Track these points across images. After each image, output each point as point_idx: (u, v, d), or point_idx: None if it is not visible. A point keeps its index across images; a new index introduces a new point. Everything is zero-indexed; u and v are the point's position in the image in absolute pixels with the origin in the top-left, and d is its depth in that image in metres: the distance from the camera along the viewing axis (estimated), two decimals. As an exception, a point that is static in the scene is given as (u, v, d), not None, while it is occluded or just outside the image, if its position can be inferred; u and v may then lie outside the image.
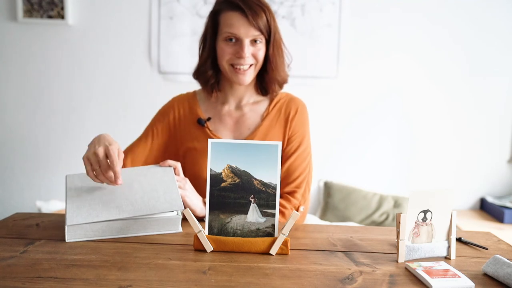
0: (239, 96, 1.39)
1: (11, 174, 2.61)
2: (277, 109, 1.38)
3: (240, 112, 1.38)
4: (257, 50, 1.28)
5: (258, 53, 1.28)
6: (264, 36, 1.27)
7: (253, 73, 1.32)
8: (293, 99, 1.41)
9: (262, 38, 1.27)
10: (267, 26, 1.26)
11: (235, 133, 1.37)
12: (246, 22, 1.24)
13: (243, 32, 1.24)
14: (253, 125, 1.36)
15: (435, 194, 0.94)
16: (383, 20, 2.50)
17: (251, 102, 1.39)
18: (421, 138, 2.57)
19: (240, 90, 1.38)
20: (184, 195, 1.14)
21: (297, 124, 1.37)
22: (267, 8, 1.27)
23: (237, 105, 1.39)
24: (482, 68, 2.52)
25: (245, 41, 1.25)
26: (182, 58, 2.51)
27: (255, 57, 1.28)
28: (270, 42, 1.29)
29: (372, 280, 0.84)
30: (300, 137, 1.36)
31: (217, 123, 1.38)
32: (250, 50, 1.26)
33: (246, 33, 1.24)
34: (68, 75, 2.54)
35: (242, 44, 1.25)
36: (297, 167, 1.34)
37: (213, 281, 0.81)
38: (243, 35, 1.25)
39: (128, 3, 2.50)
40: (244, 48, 1.25)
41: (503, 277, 0.83)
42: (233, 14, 1.25)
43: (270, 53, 1.30)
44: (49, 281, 0.79)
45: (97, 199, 1.06)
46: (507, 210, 2.36)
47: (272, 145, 0.97)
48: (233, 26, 1.24)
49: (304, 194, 1.37)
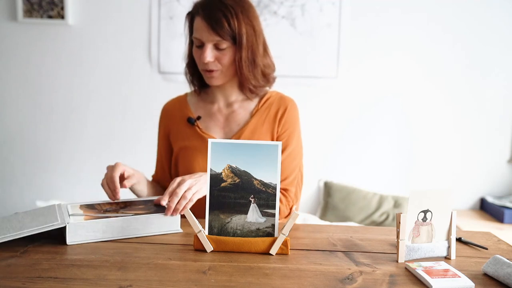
0: (227, 94, 1.40)
1: (11, 174, 2.61)
2: (266, 107, 1.38)
3: (230, 109, 1.39)
4: (221, 55, 1.27)
5: (223, 57, 1.27)
6: (227, 41, 1.26)
7: (222, 76, 1.31)
8: (283, 97, 1.40)
9: (226, 43, 1.26)
10: (229, 31, 1.25)
11: (225, 129, 1.38)
12: (206, 28, 1.25)
13: (204, 36, 1.26)
14: (242, 121, 1.37)
15: (435, 194, 0.94)
16: (383, 20, 2.50)
17: (241, 99, 1.40)
18: (421, 138, 2.57)
19: (226, 88, 1.39)
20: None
21: (286, 122, 1.36)
22: (232, 12, 1.25)
23: (226, 103, 1.40)
24: (482, 68, 2.52)
25: (207, 45, 1.26)
26: (182, 58, 2.50)
27: (219, 62, 1.28)
28: (237, 46, 1.27)
29: (372, 280, 0.84)
30: (289, 136, 1.36)
31: (207, 121, 1.39)
32: (212, 55, 1.26)
33: (207, 38, 1.25)
34: (68, 75, 2.54)
35: (204, 48, 1.26)
36: (286, 167, 1.33)
37: (213, 281, 0.81)
38: (205, 40, 1.26)
39: (128, 3, 2.50)
40: (205, 52, 1.26)
41: (503, 277, 0.83)
42: (198, 20, 1.27)
43: (236, 57, 1.28)
44: (49, 281, 0.80)
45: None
46: (507, 210, 2.35)
47: (272, 145, 0.97)
48: (197, 31, 1.27)
49: (296, 193, 1.38)
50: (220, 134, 1.37)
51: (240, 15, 1.26)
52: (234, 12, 1.25)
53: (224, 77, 1.32)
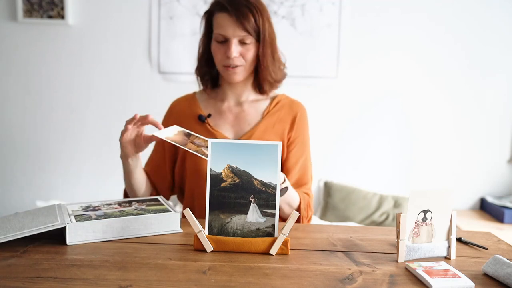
0: (238, 93, 1.41)
1: (11, 174, 2.61)
2: (277, 109, 1.41)
3: (240, 108, 1.41)
4: (245, 50, 1.30)
5: (247, 53, 1.31)
6: (252, 37, 1.30)
7: (243, 72, 1.34)
8: (294, 101, 1.44)
9: (250, 38, 1.30)
10: (255, 26, 1.29)
11: (235, 127, 1.39)
12: (232, 23, 1.27)
13: (230, 32, 1.28)
14: (253, 121, 1.39)
15: (435, 194, 0.94)
16: (383, 20, 2.50)
17: (251, 100, 1.42)
18: (421, 138, 2.57)
19: (238, 87, 1.40)
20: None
21: (299, 128, 1.40)
22: (256, 9, 1.29)
23: (236, 102, 1.42)
24: (482, 68, 2.52)
25: (233, 40, 1.28)
26: (182, 58, 2.51)
27: (243, 57, 1.31)
28: (260, 43, 1.31)
29: (372, 280, 0.84)
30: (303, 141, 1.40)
31: (217, 119, 1.40)
32: (238, 50, 1.29)
33: (233, 33, 1.28)
34: (68, 75, 2.54)
35: (230, 44, 1.28)
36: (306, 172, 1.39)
37: (213, 281, 0.81)
38: (230, 35, 1.28)
39: (128, 3, 2.50)
40: (231, 47, 1.28)
41: (503, 277, 0.83)
42: (222, 15, 1.29)
43: (260, 53, 1.32)
44: (49, 281, 0.80)
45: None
46: (507, 210, 2.35)
47: (272, 145, 0.97)
48: (221, 27, 1.29)
49: None
50: (230, 132, 1.39)
51: (263, 12, 1.31)
52: (258, 9, 1.30)
53: (245, 73, 1.35)
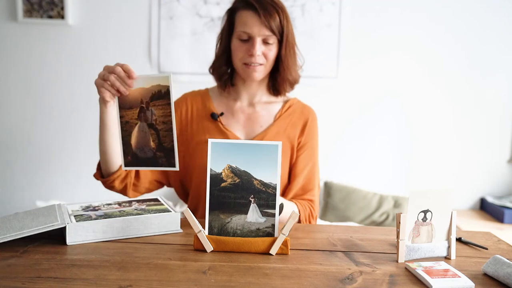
0: (252, 93, 1.41)
1: (11, 174, 2.61)
2: (290, 113, 1.41)
3: (252, 109, 1.41)
4: (268, 50, 1.30)
5: (269, 53, 1.31)
6: (276, 37, 1.29)
7: (264, 71, 1.34)
8: (306, 106, 1.45)
9: (274, 38, 1.29)
10: (279, 26, 1.29)
11: (247, 129, 1.39)
12: (258, 21, 1.27)
13: (255, 30, 1.27)
14: (266, 123, 1.39)
15: (435, 194, 0.94)
16: (383, 20, 2.50)
17: (264, 101, 1.42)
18: (421, 138, 2.57)
19: (252, 88, 1.40)
20: None
21: (309, 133, 1.40)
22: (281, 9, 1.29)
23: (249, 102, 1.42)
24: (482, 68, 2.52)
25: (257, 39, 1.28)
26: (182, 58, 2.51)
27: (265, 57, 1.31)
28: (282, 43, 1.31)
29: (372, 280, 0.84)
30: (312, 147, 1.40)
31: (230, 118, 1.40)
32: (261, 49, 1.29)
33: (258, 32, 1.27)
34: (68, 75, 2.54)
35: (254, 42, 1.28)
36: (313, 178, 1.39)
37: (213, 281, 0.81)
38: (255, 34, 1.27)
39: (128, 3, 2.50)
40: (256, 46, 1.27)
41: (503, 277, 0.83)
42: (248, 13, 1.28)
43: (282, 53, 1.32)
44: (49, 281, 0.80)
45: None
46: (507, 210, 2.35)
47: (272, 145, 0.97)
48: (246, 25, 1.28)
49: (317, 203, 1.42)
50: (241, 133, 1.38)
51: (286, 13, 1.31)
52: (283, 9, 1.30)
53: (265, 73, 1.35)
